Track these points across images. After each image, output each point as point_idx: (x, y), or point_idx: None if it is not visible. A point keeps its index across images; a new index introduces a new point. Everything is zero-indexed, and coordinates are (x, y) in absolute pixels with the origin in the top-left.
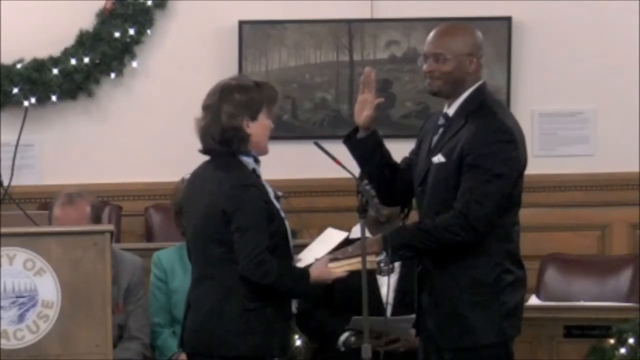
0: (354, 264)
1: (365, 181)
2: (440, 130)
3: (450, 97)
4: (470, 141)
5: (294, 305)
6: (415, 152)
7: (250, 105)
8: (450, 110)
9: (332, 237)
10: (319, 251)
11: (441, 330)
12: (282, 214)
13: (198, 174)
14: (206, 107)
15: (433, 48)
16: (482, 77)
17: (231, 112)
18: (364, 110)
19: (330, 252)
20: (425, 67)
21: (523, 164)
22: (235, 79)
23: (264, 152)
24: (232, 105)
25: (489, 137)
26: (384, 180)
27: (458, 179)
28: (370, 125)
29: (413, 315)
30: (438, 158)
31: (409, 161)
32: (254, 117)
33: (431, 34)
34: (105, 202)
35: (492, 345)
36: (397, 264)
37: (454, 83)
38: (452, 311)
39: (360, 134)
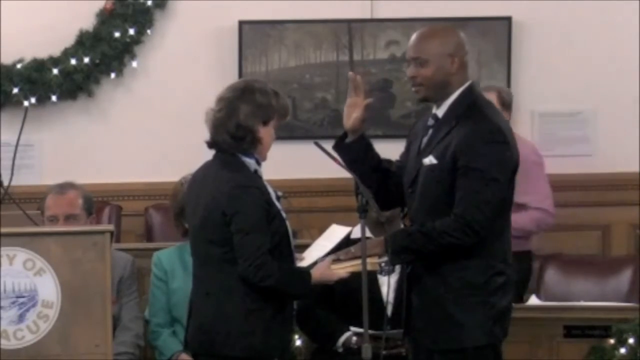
0: (356, 265)
1: None
2: (430, 131)
3: (439, 100)
4: (463, 143)
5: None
6: (405, 155)
7: (266, 110)
8: (440, 112)
9: (336, 234)
10: (323, 248)
11: (431, 332)
12: (284, 215)
13: (200, 174)
14: (224, 100)
15: (413, 52)
16: (469, 77)
17: (248, 112)
18: (352, 113)
19: (332, 251)
20: (408, 72)
21: (516, 164)
22: (257, 82)
23: (264, 159)
24: (251, 105)
25: (482, 138)
26: (376, 184)
27: (450, 180)
28: (359, 128)
29: None
30: (429, 159)
31: (400, 164)
32: (265, 123)
33: (411, 39)
34: (105, 202)
35: (482, 347)
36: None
37: (439, 86)
38: (442, 313)
39: (349, 138)
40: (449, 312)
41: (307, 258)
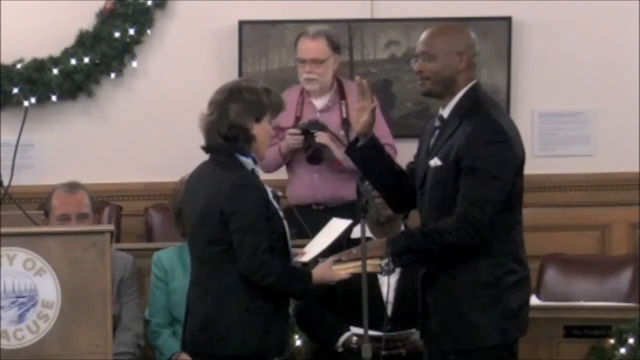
0: (358, 266)
1: (367, 182)
2: (436, 132)
3: (443, 97)
4: (465, 143)
5: (291, 306)
6: (416, 157)
7: (257, 107)
8: (445, 112)
9: (336, 227)
10: (323, 242)
11: (444, 332)
12: (281, 214)
13: (196, 174)
14: (214, 104)
15: (422, 47)
16: (476, 77)
17: (239, 111)
18: (361, 116)
19: (334, 249)
20: (415, 66)
21: (520, 162)
22: (245, 81)
23: (262, 157)
24: (241, 104)
25: (483, 138)
26: (389, 187)
27: (455, 182)
28: (368, 131)
29: (413, 330)
30: (435, 161)
31: (412, 166)
32: (258, 120)
33: (422, 35)
34: (105, 202)
35: (496, 347)
36: None
37: (444, 82)
38: (455, 313)
39: (360, 142)
40: (461, 313)
41: (308, 253)
